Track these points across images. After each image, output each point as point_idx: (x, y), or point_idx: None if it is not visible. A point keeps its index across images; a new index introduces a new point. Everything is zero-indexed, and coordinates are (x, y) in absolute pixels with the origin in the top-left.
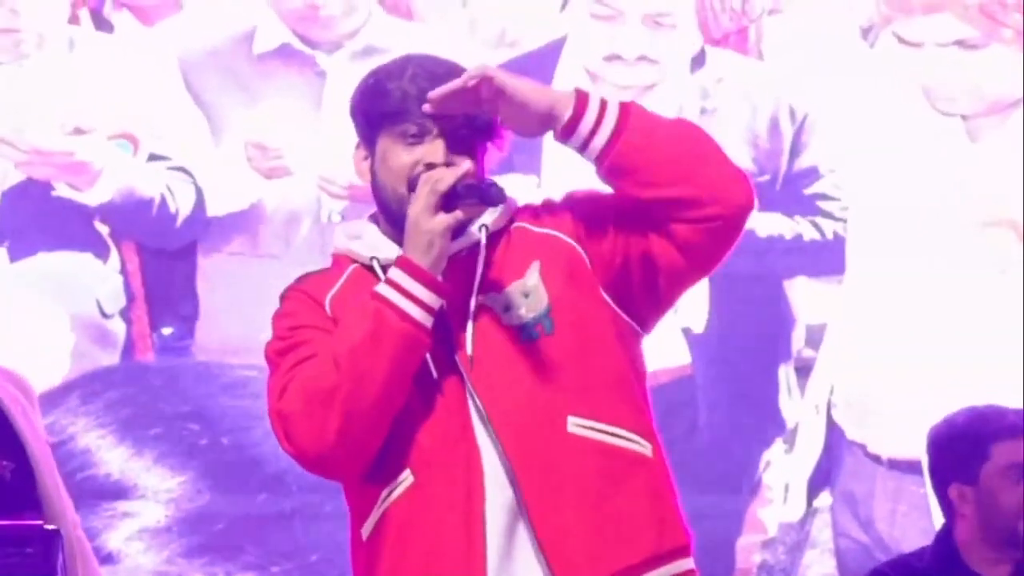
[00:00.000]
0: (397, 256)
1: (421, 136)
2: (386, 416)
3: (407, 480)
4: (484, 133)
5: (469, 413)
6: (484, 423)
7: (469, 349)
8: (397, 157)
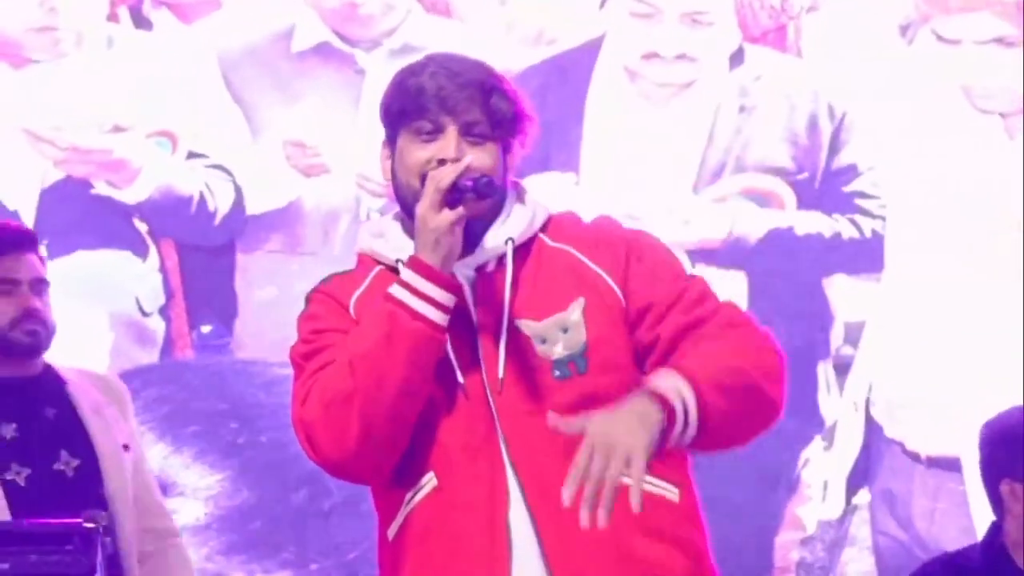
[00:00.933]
0: (408, 256)
1: (436, 133)
2: (406, 419)
3: (430, 483)
4: (504, 128)
5: (495, 427)
6: (506, 448)
7: (500, 371)
8: (412, 154)
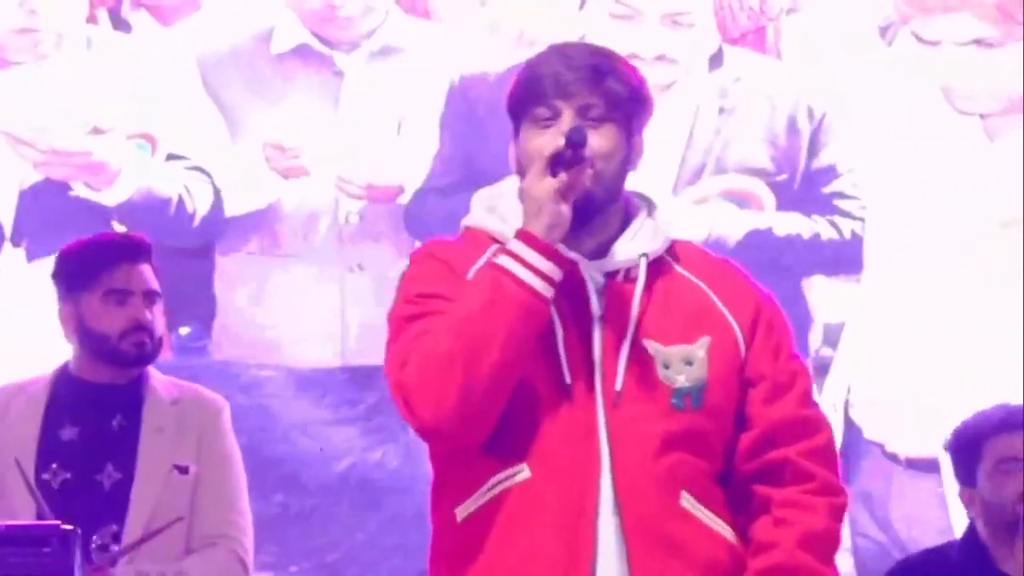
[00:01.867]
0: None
1: (554, 118)
2: (504, 386)
3: (523, 473)
4: (622, 110)
5: (598, 435)
6: (611, 461)
7: (619, 384)
8: (531, 140)
